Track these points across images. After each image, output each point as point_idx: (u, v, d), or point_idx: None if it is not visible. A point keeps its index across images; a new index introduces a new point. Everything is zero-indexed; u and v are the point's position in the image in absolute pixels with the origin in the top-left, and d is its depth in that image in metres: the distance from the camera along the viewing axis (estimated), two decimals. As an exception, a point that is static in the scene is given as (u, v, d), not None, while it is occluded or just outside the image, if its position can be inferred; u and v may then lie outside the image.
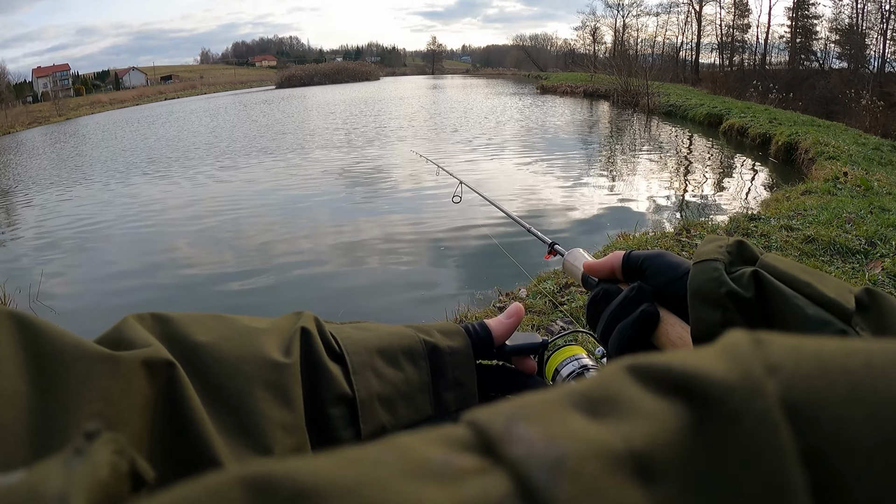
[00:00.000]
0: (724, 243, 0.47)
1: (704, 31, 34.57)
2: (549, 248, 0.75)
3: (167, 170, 10.48)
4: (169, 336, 0.39)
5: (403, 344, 0.50)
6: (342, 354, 0.46)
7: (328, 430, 0.44)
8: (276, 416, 0.39)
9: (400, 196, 7.25)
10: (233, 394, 0.39)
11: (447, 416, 0.51)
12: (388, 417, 0.47)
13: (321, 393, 0.44)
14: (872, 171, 6.28)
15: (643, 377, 0.16)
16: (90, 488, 0.15)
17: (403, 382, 0.49)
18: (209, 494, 0.12)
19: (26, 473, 0.15)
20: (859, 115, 14.52)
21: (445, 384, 0.51)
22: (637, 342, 0.50)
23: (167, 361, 0.36)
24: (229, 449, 0.36)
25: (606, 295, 0.54)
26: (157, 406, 0.34)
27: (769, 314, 0.43)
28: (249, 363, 0.40)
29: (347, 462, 0.13)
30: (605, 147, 10.92)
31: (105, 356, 0.32)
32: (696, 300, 0.44)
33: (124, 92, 65.80)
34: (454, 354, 0.52)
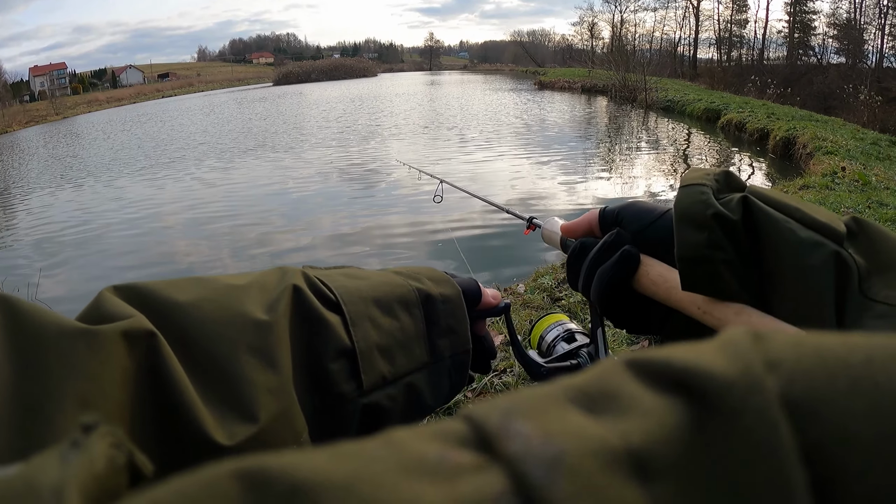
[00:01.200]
0: (711, 172, 0.46)
1: (702, 26, 34.57)
2: (527, 224, 0.75)
3: (166, 168, 10.47)
4: (147, 305, 0.38)
5: (397, 293, 0.50)
6: (338, 304, 0.45)
7: (329, 385, 0.43)
8: (261, 379, 0.38)
9: (395, 196, 7.23)
10: (216, 359, 0.38)
11: (441, 363, 0.51)
12: (388, 367, 0.47)
13: (319, 348, 0.43)
14: (870, 165, 6.28)
15: (642, 373, 0.16)
16: (85, 481, 0.15)
17: (400, 331, 0.49)
18: (204, 488, 0.12)
19: (22, 466, 0.15)
20: (857, 110, 14.53)
21: (439, 331, 0.52)
22: (618, 287, 0.49)
23: (147, 331, 0.35)
24: (215, 418, 0.36)
25: (584, 247, 0.53)
26: (139, 378, 0.34)
27: (759, 238, 0.42)
28: (231, 325, 0.39)
29: (343, 457, 0.13)
30: (604, 142, 10.91)
31: (83, 331, 0.32)
32: (681, 223, 0.43)
33: (121, 90, 65.72)
34: (446, 302, 0.53)
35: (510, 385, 1.87)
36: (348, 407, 0.44)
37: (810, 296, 0.39)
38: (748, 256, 0.42)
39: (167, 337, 0.37)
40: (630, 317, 0.51)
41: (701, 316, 0.44)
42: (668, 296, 0.46)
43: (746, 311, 0.41)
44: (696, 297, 0.43)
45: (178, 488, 0.12)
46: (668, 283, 0.46)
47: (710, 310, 0.43)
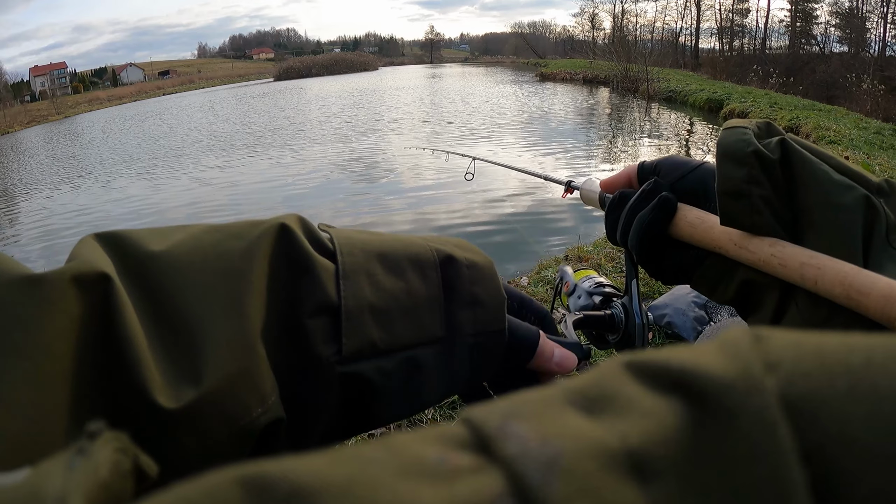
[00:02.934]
0: (753, 120, 0.48)
1: (704, 15, 34.38)
2: (566, 187, 0.76)
3: (166, 166, 10.48)
4: (120, 250, 0.34)
5: (410, 251, 0.42)
6: (333, 252, 0.39)
7: (304, 344, 0.36)
8: (219, 332, 0.33)
9: (406, 186, 7.24)
10: (176, 309, 0.33)
11: (460, 340, 0.41)
12: (381, 333, 0.38)
13: (300, 300, 0.37)
14: (874, 155, 6.27)
15: (640, 374, 0.16)
16: (91, 489, 0.15)
17: (404, 293, 0.40)
18: (205, 494, 0.12)
19: (28, 474, 0.15)
20: (860, 99, 14.46)
21: (459, 301, 0.42)
22: (656, 233, 0.51)
23: (99, 275, 0.31)
24: (165, 376, 0.32)
25: (623, 198, 0.54)
26: (87, 327, 0.30)
27: (794, 177, 0.44)
28: (200, 270, 0.34)
29: (342, 460, 0.13)
30: (606, 134, 10.88)
31: (27, 278, 0.29)
32: (722, 158, 0.45)
33: (122, 88, 65.71)
34: (472, 268, 0.43)
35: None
36: (324, 373, 0.37)
37: (840, 233, 0.42)
38: (784, 195, 0.44)
39: (134, 286, 0.33)
40: (665, 264, 0.53)
41: (737, 252, 0.46)
42: (705, 235, 0.48)
43: (780, 244, 0.43)
44: (733, 233, 0.46)
45: (180, 495, 0.13)
46: (706, 223, 0.48)
47: (746, 244, 0.45)
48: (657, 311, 2.40)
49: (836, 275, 0.40)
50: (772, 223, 0.44)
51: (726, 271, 0.48)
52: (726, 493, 0.13)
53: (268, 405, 0.34)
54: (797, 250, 0.42)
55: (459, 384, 0.43)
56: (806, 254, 0.42)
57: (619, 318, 0.62)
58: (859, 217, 0.41)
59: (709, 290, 0.51)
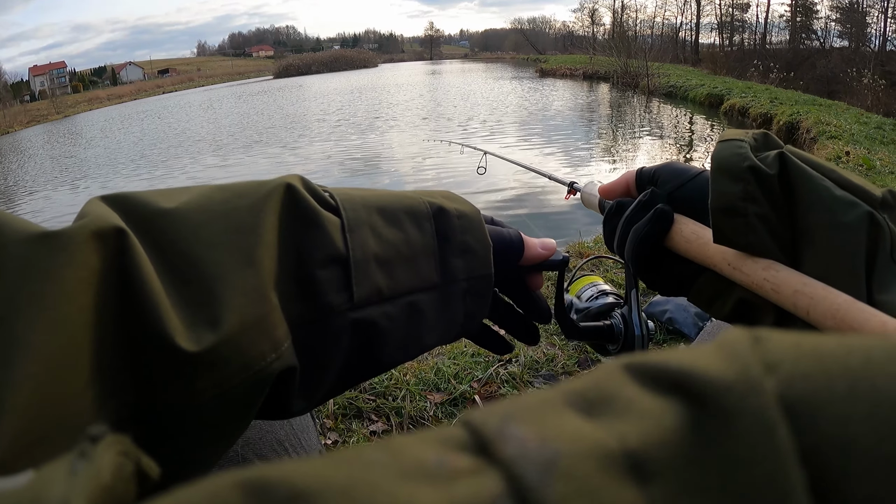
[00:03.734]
0: (749, 131, 0.46)
1: (703, 10, 34.30)
2: (569, 189, 0.76)
3: (165, 165, 10.49)
4: (129, 209, 0.36)
5: (405, 204, 0.45)
6: (337, 208, 0.41)
7: (316, 294, 0.39)
8: (237, 280, 0.35)
9: (408, 181, 7.24)
10: (190, 260, 0.35)
11: (454, 284, 0.45)
12: (386, 280, 0.42)
13: (309, 253, 0.39)
14: (875, 150, 6.26)
15: (639, 375, 0.16)
16: (93, 493, 0.15)
17: (404, 244, 0.43)
18: (207, 498, 0.13)
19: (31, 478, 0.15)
20: (861, 93, 14.42)
21: (452, 249, 0.46)
22: (652, 245, 0.50)
23: (116, 229, 0.33)
24: (183, 322, 0.33)
25: (620, 207, 0.53)
26: (105, 279, 0.32)
27: (793, 194, 0.42)
28: (211, 224, 0.36)
29: (342, 463, 0.13)
30: (606, 129, 10.87)
31: (45, 234, 0.31)
32: (717, 173, 0.43)
33: (122, 87, 65.68)
34: (462, 218, 0.47)
35: (516, 375, 1.89)
36: (336, 319, 0.39)
37: (842, 254, 0.40)
38: (782, 212, 0.42)
39: (144, 239, 0.35)
40: (662, 276, 0.52)
41: (730, 272, 0.44)
42: (700, 252, 0.47)
43: (775, 268, 0.41)
44: (727, 252, 0.44)
45: (181, 499, 0.13)
46: (701, 239, 0.46)
47: (740, 265, 0.43)
48: (658, 307, 2.41)
49: (828, 307, 0.38)
50: (768, 243, 0.42)
51: (722, 289, 0.47)
52: (725, 493, 0.13)
53: (281, 351, 0.36)
54: (791, 276, 0.40)
55: (456, 326, 0.46)
56: (800, 280, 0.40)
57: (619, 329, 0.62)
58: (863, 236, 0.39)
59: (705, 305, 0.50)
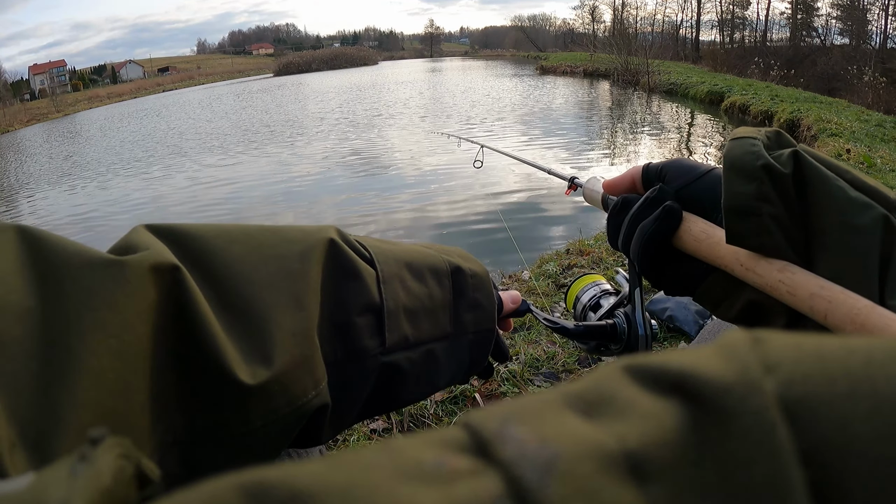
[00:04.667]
0: (762, 129, 0.45)
1: (704, 7, 34.22)
2: (569, 184, 0.74)
3: (167, 161, 10.48)
4: (179, 242, 0.38)
5: (429, 262, 0.51)
6: (372, 261, 0.46)
7: (353, 338, 0.44)
8: (287, 322, 0.38)
9: (408, 179, 7.24)
10: (244, 299, 0.38)
11: (463, 336, 0.52)
12: (412, 330, 0.48)
13: (348, 301, 0.44)
14: (875, 147, 6.25)
15: (639, 376, 0.16)
16: (93, 495, 0.15)
17: (428, 298, 0.49)
18: (208, 501, 0.13)
19: (31, 481, 0.15)
20: (861, 91, 14.39)
21: (465, 304, 0.52)
22: (659, 243, 0.48)
23: (172, 265, 0.35)
24: (239, 356, 0.35)
25: (626, 203, 0.51)
26: (162, 311, 0.33)
27: (807, 194, 0.41)
28: (262, 268, 0.39)
29: (341, 464, 0.13)
30: (607, 127, 10.86)
31: (108, 262, 0.32)
32: (730, 172, 0.42)
33: (122, 85, 65.63)
34: (474, 277, 0.54)
35: (516, 374, 1.90)
36: (369, 362, 0.45)
37: (855, 256, 0.39)
38: (796, 213, 0.41)
39: (196, 275, 0.36)
40: (668, 276, 0.50)
41: (743, 273, 0.43)
42: (711, 252, 0.45)
43: (790, 269, 0.40)
44: (740, 253, 0.42)
45: (181, 502, 0.13)
46: (712, 238, 0.45)
47: (753, 266, 0.42)
48: (659, 305, 2.41)
49: (848, 311, 0.37)
50: (782, 244, 0.40)
51: (731, 290, 0.46)
52: (725, 493, 0.13)
53: (319, 389, 0.41)
54: (808, 278, 0.39)
55: (462, 371, 0.53)
56: (817, 283, 0.39)
57: (622, 328, 0.61)
58: (877, 239, 0.38)
59: (712, 306, 0.49)
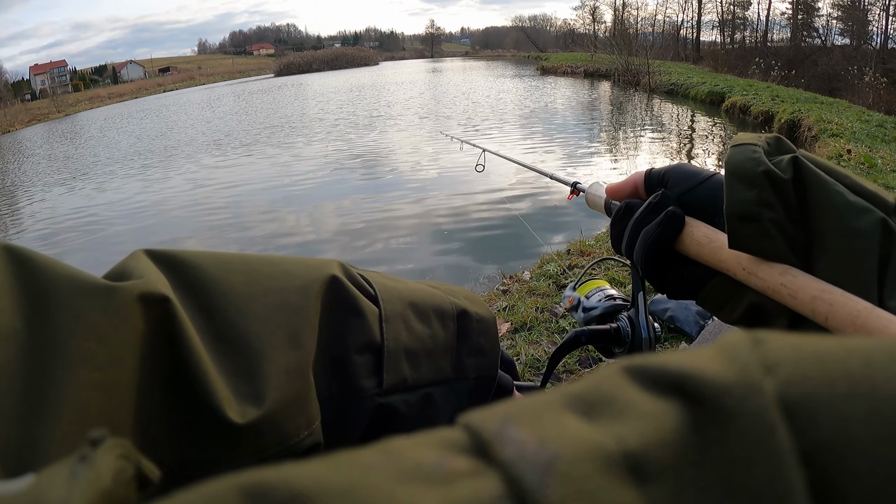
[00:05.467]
0: (762, 135, 0.46)
1: (705, 8, 34.21)
2: (571, 189, 0.75)
3: (166, 163, 10.49)
4: (176, 270, 0.37)
5: (435, 302, 0.49)
6: (375, 298, 0.45)
7: (349, 376, 0.42)
8: (281, 359, 0.37)
9: (408, 180, 7.24)
10: (238, 333, 0.37)
11: (464, 381, 0.50)
12: (411, 372, 0.46)
13: (347, 338, 0.42)
14: (876, 148, 6.25)
15: (639, 377, 0.16)
16: (93, 496, 0.15)
17: (430, 339, 0.47)
18: (207, 502, 0.13)
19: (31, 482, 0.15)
20: (862, 91, 14.39)
21: (468, 349, 0.50)
22: (662, 248, 0.49)
23: (163, 296, 0.34)
24: (229, 393, 0.34)
25: (629, 208, 0.53)
26: (152, 343, 0.33)
27: (807, 199, 0.42)
28: (260, 301, 0.38)
29: (341, 465, 0.14)
30: (608, 127, 10.86)
31: (99, 289, 0.31)
32: (731, 178, 0.43)
33: (123, 86, 65.67)
34: (480, 322, 0.51)
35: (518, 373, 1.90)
36: (364, 402, 0.43)
37: (855, 259, 0.40)
38: (796, 217, 0.42)
39: (192, 304, 0.36)
40: (671, 280, 0.51)
41: (745, 277, 0.43)
42: (713, 256, 0.46)
43: (791, 273, 0.41)
44: (742, 257, 0.43)
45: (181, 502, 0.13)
46: (714, 242, 0.46)
47: (755, 270, 0.42)
48: (660, 306, 2.41)
49: (848, 313, 0.37)
50: (783, 249, 0.41)
51: (734, 292, 0.46)
52: (724, 494, 0.13)
53: (312, 429, 0.39)
54: (809, 281, 0.40)
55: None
56: (818, 286, 0.39)
57: (626, 332, 0.62)
58: (875, 243, 0.39)
59: (715, 309, 0.49)
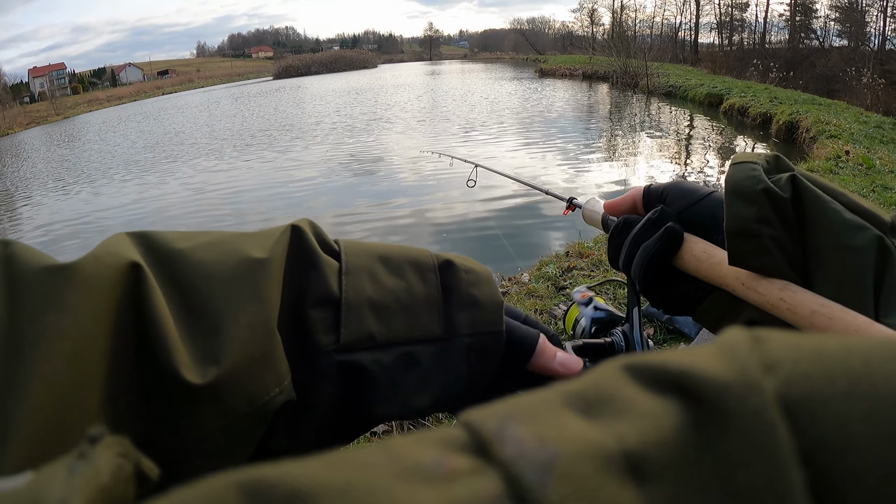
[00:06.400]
0: (761, 154, 0.46)
1: (703, 10, 34.28)
2: (567, 204, 0.75)
3: (163, 165, 10.48)
4: (148, 245, 0.37)
5: (410, 255, 0.45)
6: (338, 253, 0.42)
7: (306, 332, 0.40)
8: (244, 317, 0.36)
9: (405, 184, 7.24)
10: (202, 297, 0.36)
11: (457, 339, 0.43)
12: (379, 327, 0.41)
13: (305, 291, 0.40)
14: (874, 149, 6.26)
15: (638, 376, 0.16)
16: (91, 493, 0.15)
17: (405, 292, 0.43)
18: (205, 499, 0.13)
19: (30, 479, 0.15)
20: (860, 93, 14.42)
21: (458, 302, 0.44)
22: (661, 264, 0.49)
23: (131, 263, 0.34)
24: (190, 355, 0.34)
25: (627, 224, 0.52)
26: (119, 311, 0.33)
27: (804, 216, 0.42)
28: (224, 264, 0.37)
29: (340, 463, 0.13)
30: (606, 129, 10.88)
31: (61, 266, 0.32)
32: (731, 196, 0.43)
33: (121, 88, 65.74)
34: (470, 273, 0.45)
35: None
36: (323, 359, 0.39)
37: (851, 276, 0.40)
38: (795, 234, 0.42)
39: (161, 277, 0.35)
40: (669, 296, 0.51)
41: (745, 292, 0.44)
42: (712, 271, 0.46)
43: (791, 288, 0.41)
44: (741, 273, 0.44)
45: (179, 499, 0.13)
46: (713, 258, 0.46)
47: (755, 286, 0.43)
48: (658, 307, 2.40)
49: (846, 327, 0.38)
50: (782, 265, 0.42)
51: (732, 308, 0.46)
52: (724, 494, 0.13)
53: (283, 385, 0.38)
54: (808, 296, 0.41)
55: (458, 385, 0.43)
56: (817, 301, 0.40)
57: (620, 347, 0.62)
58: (871, 259, 0.40)
59: (712, 325, 0.49)
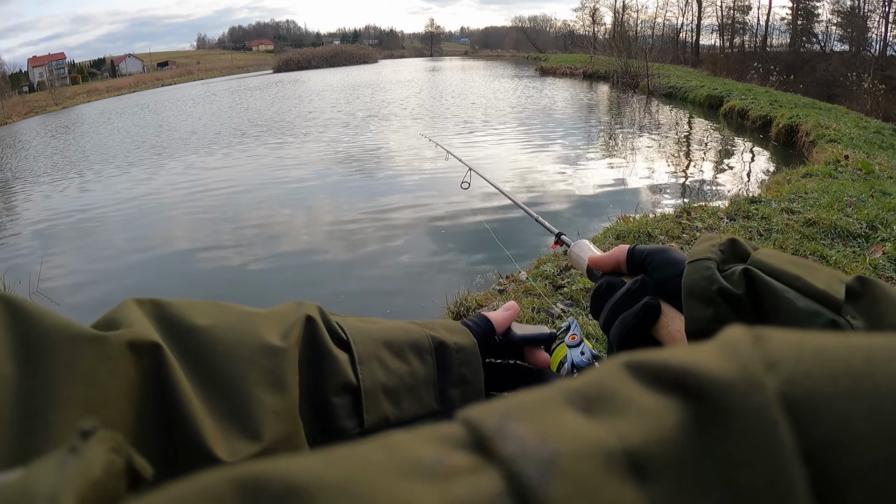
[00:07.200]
0: (716, 242, 0.47)
1: (705, 12, 34.30)
2: (555, 239, 0.76)
3: (161, 159, 10.44)
4: (164, 319, 0.39)
5: (410, 338, 0.50)
6: (348, 342, 0.46)
7: (330, 419, 0.43)
8: (268, 401, 0.39)
9: (403, 181, 7.22)
10: (225, 377, 0.38)
11: (452, 412, 0.49)
12: (393, 409, 0.47)
13: (324, 381, 0.43)
14: (873, 154, 6.26)
15: (640, 374, 0.15)
16: (82, 488, 0.15)
17: (409, 375, 0.48)
18: (200, 494, 0.12)
19: (21, 473, 0.15)
20: (860, 98, 14.44)
21: (451, 380, 0.51)
22: (638, 335, 0.50)
23: (153, 343, 0.35)
24: (218, 434, 0.36)
25: (609, 287, 0.54)
26: (143, 388, 0.34)
27: (760, 309, 0.43)
28: (244, 347, 0.40)
29: (338, 460, 0.13)
30: (606, 129, 10.87)
31: (90, 337, 0.32)
32: (689, 298, 0.45)
33: (121, 79, 65.50)
34: (460, 351, 0.52)
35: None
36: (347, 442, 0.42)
37: None
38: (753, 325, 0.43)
39: (180, 353, 0.37)
40: None
41: None
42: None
43: None
44: None
45: (174, 494, 0.13)
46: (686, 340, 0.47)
47: None
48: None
49: None
50: None
51: None
52: (726, 492, 0.13)
53: None
54: None
55: None
56: None
57: None
58: None
59: None
